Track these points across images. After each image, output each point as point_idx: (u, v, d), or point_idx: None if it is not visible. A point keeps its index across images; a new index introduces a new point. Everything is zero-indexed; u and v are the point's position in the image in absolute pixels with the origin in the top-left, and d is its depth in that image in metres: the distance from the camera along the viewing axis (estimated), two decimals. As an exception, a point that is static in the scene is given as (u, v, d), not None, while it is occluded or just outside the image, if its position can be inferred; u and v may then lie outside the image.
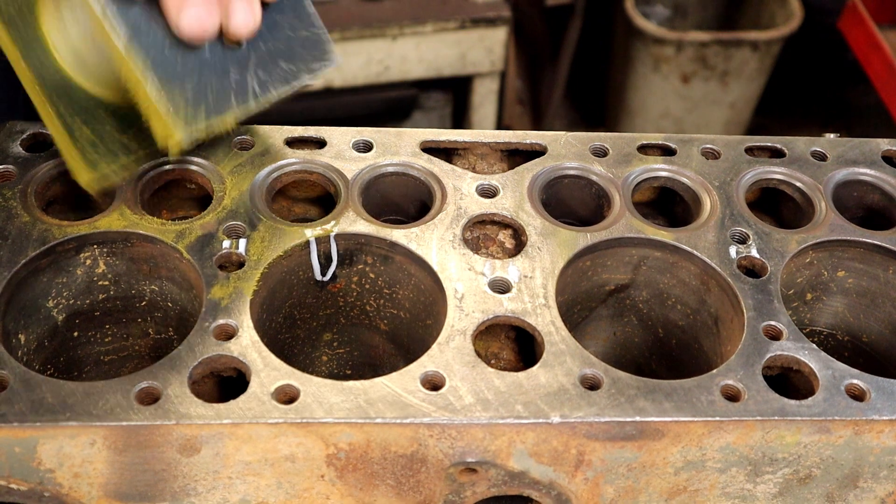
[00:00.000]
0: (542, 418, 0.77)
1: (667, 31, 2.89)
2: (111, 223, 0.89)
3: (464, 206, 0.95)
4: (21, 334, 0.88)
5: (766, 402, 0.80)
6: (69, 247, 0.88)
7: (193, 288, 0.89)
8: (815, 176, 1.02)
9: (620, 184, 0.99)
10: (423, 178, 0.98)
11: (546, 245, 0.92)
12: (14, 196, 0.90)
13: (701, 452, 0.81)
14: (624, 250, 0.96)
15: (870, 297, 1.01)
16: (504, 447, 0.79)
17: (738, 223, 0.96)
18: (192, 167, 0.95)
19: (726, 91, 2.99)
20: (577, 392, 0.79)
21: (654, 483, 0.83)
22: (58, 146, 0.89)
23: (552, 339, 0.83)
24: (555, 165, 1.00)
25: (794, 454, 0.82)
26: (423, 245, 0.90)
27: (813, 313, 1.03)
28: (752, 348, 0.85)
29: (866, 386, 0.82)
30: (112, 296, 0.94)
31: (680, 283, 0.97)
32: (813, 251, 0.97)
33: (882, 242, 0.97)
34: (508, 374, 0.80)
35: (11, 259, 0.85)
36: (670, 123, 3.09)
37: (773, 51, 2.91)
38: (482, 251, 0.94)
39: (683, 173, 1.01)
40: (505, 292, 0.87)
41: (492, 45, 2.44)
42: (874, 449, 0.83)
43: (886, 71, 2.60)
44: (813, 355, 0.85)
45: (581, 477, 0.82)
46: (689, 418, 0.78)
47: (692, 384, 0.81)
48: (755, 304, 0.88)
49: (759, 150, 1.07)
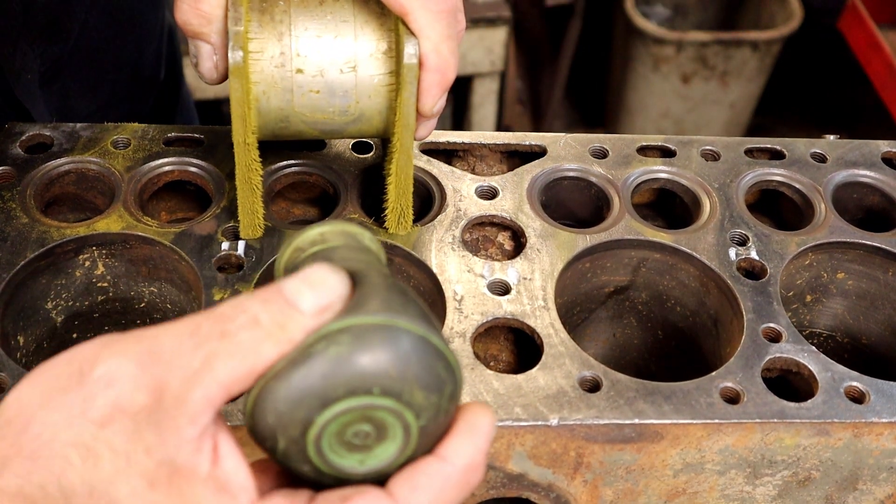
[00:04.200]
0: (541, 420, 0.77)
1: (667, 31, 2.89)
2: (110, 225, 0.89)
3: (463, 207, 0.95)
4: (20, 336, 0.88)
5: (766, 404, 0.80)
6: (68, 248, 0.88)
7: (192, 290, 0.89)
8: (814, 177, 1.02)
9: (620, 185, 0.99)
10: (423, 180, 0.98)
11: (545, 247, 0.92)
12: (13, 197, 0.90)
13: (700, 455, 0.81)
14: (623, 252, 0.96)
15: (869, 299, 1.01)
16: (503, 449, 0.78)
17: (738, 225, 0.96)
18: (192, 168, 0.95)
19: (726, 91, 2.99)
20: (576, 394, 0.79)
21: (654, 485, 0.83)
22: (239, 198, 0.87)
23: (551, 341, 0.83)
24: (554, 167, 1.00)
25: (793, 456, 0.82)
26: (422, 247, 0.90)
27: (812, 315, 1.03)
28: (751, 350, 0.85)
29: (866, 388, 0.82)
30: (111, 297, 0.94)
31: (679, 285, 0.97)
32: (812, 253, 0.97)
33: (882, 244, 0.97)
34: (507, 377, 0.80)
35: (10, 261, 0.85)
36: (670, 123, 3.09)
37: (773, 51, 2.91)
38: (481, 253, 0.94)
39: (683, 175, 1.01)
40: (504, 294, 0.87)
41: (492, 45, 2.43)
42: (873, 451, 0.83)
43: (886, 71, 2.60)
44: (812, 357, 0.85)
45: (580, 479, 0.82)
46: (689, 420, 0.78)
47: (691, 386, 0.81)
48: (755, 306, 0.88)
49: (759, 151, 1.06)
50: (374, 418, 0.52)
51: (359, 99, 0.82)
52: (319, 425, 0.51)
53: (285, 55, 0.79)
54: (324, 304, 0.52)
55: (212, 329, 0.50)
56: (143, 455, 0.49)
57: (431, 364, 0.52)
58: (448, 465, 0.53)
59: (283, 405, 0.50)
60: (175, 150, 0.97)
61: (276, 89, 0.80)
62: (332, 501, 0.52)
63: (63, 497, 0.49)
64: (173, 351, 0.50)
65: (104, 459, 0.49)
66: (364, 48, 0.81)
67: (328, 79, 0.81)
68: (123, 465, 0.49)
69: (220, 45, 0.78)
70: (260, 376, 0.51)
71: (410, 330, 0.52)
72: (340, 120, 0.83)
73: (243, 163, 0.83)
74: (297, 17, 0.80)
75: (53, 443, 0.50)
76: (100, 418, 0.49)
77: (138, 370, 0.50)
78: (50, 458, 0.49)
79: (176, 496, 0.49)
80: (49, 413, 0.50)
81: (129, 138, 0.97)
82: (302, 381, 0.50)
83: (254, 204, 0.87)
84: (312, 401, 0.50)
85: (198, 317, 0.51)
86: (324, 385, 0.50)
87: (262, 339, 0.50)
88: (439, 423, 0.54)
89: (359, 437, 0.53)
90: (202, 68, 0.80)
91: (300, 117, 0.82)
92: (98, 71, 1.18)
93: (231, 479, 0.51)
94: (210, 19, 0.77)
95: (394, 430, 0.53)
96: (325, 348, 0.51)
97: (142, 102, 1.30)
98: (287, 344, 0.51)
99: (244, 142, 0.81)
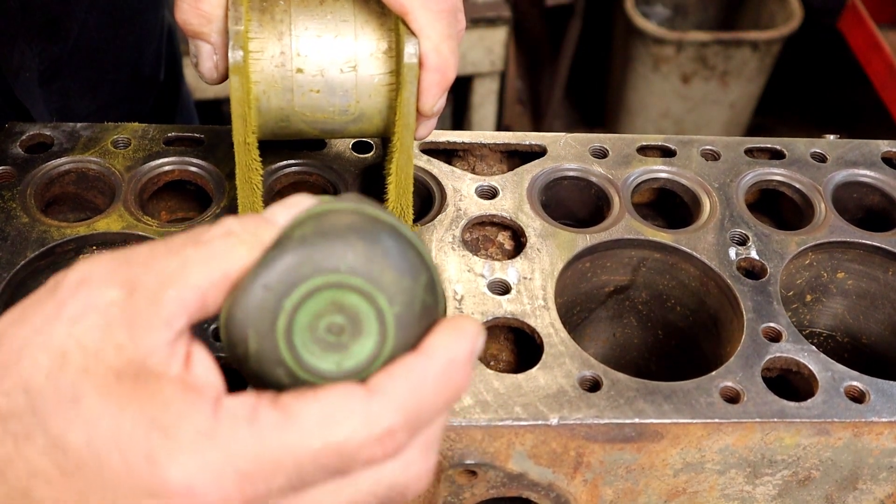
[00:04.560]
0: (541, 420, 0.77)
1: (667, 31, 2.89)
2: (110, 224, 0.89)
3: (463, 207, 0.95)
4: (20, 335, 0.88)
5: (766, 403, 0.80)
6: (68, 248, 0.88)
7: (192, 289, 0.89)
8: (814, 177, 1.02)
9: (620, 185, 0.99)
10: (423, 179, 0.98)
11: (545, 246, 0.92)
12: (13, 197, 0.90)
13: (700, 454, 0.81)
14: (623, 252, 0.96)
15: (869, 299, 1.01)
16: (503, 449, 0.79)
17: (738, 225, 0.96)
18: (192, 168, 0.95)
19: (726, 91, 2.99)
20: (576, 394, 0.79)
21: (654, 485, 0.83)
22: (239, 198, 0.87)
23: (551, 341, 0.83)
24: (554, 167, 1.00)
25: (793, 456, 0.82)
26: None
27: (812, 315, 1.03)
28: (751, 350, 0.85)
29: (866, 387, 0.82)
30: (111, 297, 0.94)
31: (679, 285, 0.97)
32: (812, 253, 0.97)
33: (882, 244, 0.97)
34: (507, 376, 0.80)
35: (10, 260, 0.85)
36: (670, 123, 3.09)
37: (773, 51, 2.91)
38: (481, 253, 0.94)
39: (683, 175, 1.01)
40: (504, 294, 0.87)
41: (492, 45, 2.43)
42: (873, 451, 0.83)
43: (886, 71, 2.60)
44: (812, 357, 0.85)
45: (580, 478, 0.82)
46: (689, 420, 0.78)
47: (691, 386, 0.81)
48: (755, 306, 0.88)
49: (759, 151, 1.07)
50: (346, 306, 0.50)
51: (359, 98, 0.82)
52: (288, 311, 0.49)
53: (285, 55, 0.80)
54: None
55: (186, 239, 0.51)
56: (113, 352, 0.49)
57: (402, 249, 0.51)
58: (427, 357, 0.51)
59: (251, 297, 0.49)
60: (175, 149, 0.97)
61: (276, 89, 0.80)
62: (304, 395, 0.50)
63: (28, 399, 0.49)
64: (147, 256, 0.50)
65: (72, 356, 0.49)
66: (364, 48, 0.81)
67: (328, 78, 0.81)
68: (92, 363, 0.48)
69: (220, 45, 0.78)
70: (234, 284, 0.50)
71: (378, 217, 0.51)
72: (341, 119, 0.83)
73: (243, 162, 0.83)
74: (297, 17, 0.80)
75: (24, 349, 0.49)
76: (71, 316, 0.49)
77: (110, 270, 0.50)
78: (18, 364, 0.49)
79: (142, 391, 0.48)
80: (22, 326, 0.50)
81: (129, 138, 0.97)
82: (268, 269, 0.49)
83: (254, 204, 0.87)
84: (279, 286, 0.49)
85: (174, 235, 0.52)
86: (288, 267, 0.49)
87: (236, 244, 0.50)
88: (416, 315, 0.51)
89: (332, 333, 0.50)
90: (202, 68, 0.80)
91: (300, 117, 0.82)
92: (98, 71, 1.18)
93: (199, 379, 0.50)
94: (210, 19, 0.77)
95: (369, 323, 0.50)
96: (290, 233, 0.50)
97: (142, 102, 1.30)
98: (260, 247, 0.51)
99: (244, 141, 0.81)
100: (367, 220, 0.51)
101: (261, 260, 0.50)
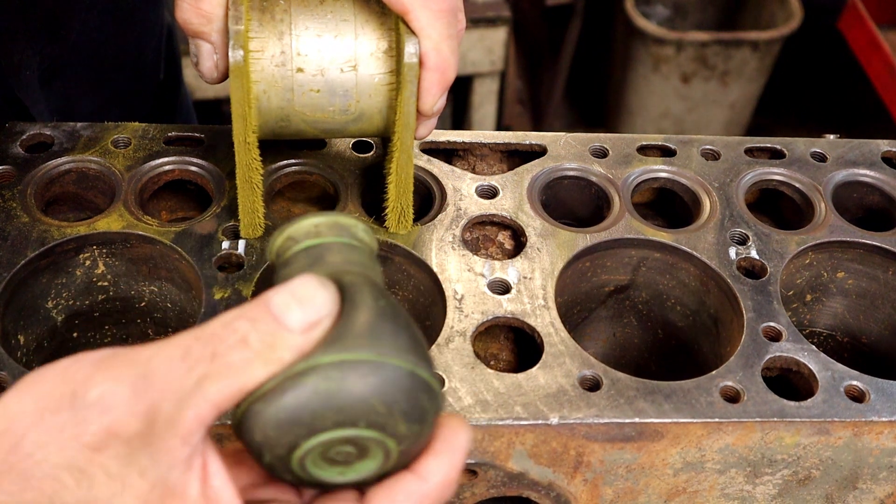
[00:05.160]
0: (542, 419, 0.77)
1: (667, 31, 2.89)
2: (110, 224, 0.89)
3: (463, 206, 0.95)
4: (20, 335, 0.88)
5: (766, 403, 0.80)
6: (68, 248, 0.88)
7: (193, 289, 0.89)
8: (814, 177, 1.02)
9: (620, 185, 0.99)
10: (423, 179, 0.98)
11: (545, 246, 0.92)
12: (13, 197, 0.90)
13: (700, 454, 0.81)
14: (623, 251, 0.96)
15: (869, 299, 1.01)
16: (503, 448, 0.79)
17: (738, 224, 0.96)
18: (192, 168, 0.95)
19: (726, 91, 2.99)
20: (576, 393, 0.79)
21: (654, 484, 0.83)
22: (240, 197, 0.87)
23: (551, 341, 0.83)
24: (554, 166, 1.00)
25: (793, 455, 0.82)
26: (422, 246, 0.90)
27: (812, 314, 1.03)
28: (751, 349, 0.85)
29: (866, 387, 0.82)
30: (111, 296, 0.94)
31: (679, 285, 0.97)
32: (812, 252, 0.97)
33: (882, 244, 0.97)
34: (508, 376, 0.80)
35: (11, 260, 0.85)
36: (670, 123, 3.09)
37: (773, 51, 2.91)
38: (482, 252, 0.94)
39: (683, 174, 1.01)
40: (504, 293, 0.87)
41: (492, 45, 2.43)
42: (873, 450, 0.83)
43: (886, 71, 2.60)
44: (812, 356, 0.85)
45: (580, 478, 0.82)
46: (689, 419, 0.78)
47: (691, 385, 0.81)
48: (755, 306, 0.88)
49: (759, 151, 1.07)
50: (358, 443, 0.54)
51: (359, 98, 0.82)
52: (305, 449, 0.53)
53: (286, 54, 0.80)
54: (312, 321, 0.52)
55: (203, 351, 0.51)
56: (138, 477, 0.51)
57: (417, 397, 0.53)
58: (425, 483, 0.55)
59: (272, 429, 0.52)
60: (175, 149, 0.97)
61: (276, 88, 0.80)
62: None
63: None
64: (166, 374, 0.51)
65: (99, 482, 0.50)
66: (364, 47, 0.81)
67: (328, 78, 0.81)
68: (119, 488, 0.50)
69: (220, 45, 0.78)
70: (249, 394, 0.52)
71: (398, 365, 0.53)
72: (341, 119, 0.83)
73: (244, 162, 0.83)
74: (297, 17, 0.80)
75: (45, 464, 0.50)
76: (94, 443, 0.50)
77: (132, 395, 0.51)
78: (42, 479, 0.50)
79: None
80: (40, 434, 0.51)
81: (129, 137, 0.97)
82: (291, 410, 0.51)
83: (254, 203, 0.87)
84: (300, 429, 0.52)
85: (189, 338, 0.52)
86: (312, 417, 0.52)
87: (252, 359, 0.51)
88: (419, 445, 0.55)
89: (341, 456, 0.54)
90: (202, 67, 0.80)
91: (300, 116, 0.82)
92: (98, 70, 1.18)
93: (220, 497, 0.52)
94: (210, 18, 0.77)
95: (375, 452, 0.54)
96: (315, 381, 0.52)
97: (142, 102, 1.30)
98: (276, 364, 0.52)
99: (245, 141, 0.81)
100: (386, 374, 0.53)
101: (283, 393, 0.52)
